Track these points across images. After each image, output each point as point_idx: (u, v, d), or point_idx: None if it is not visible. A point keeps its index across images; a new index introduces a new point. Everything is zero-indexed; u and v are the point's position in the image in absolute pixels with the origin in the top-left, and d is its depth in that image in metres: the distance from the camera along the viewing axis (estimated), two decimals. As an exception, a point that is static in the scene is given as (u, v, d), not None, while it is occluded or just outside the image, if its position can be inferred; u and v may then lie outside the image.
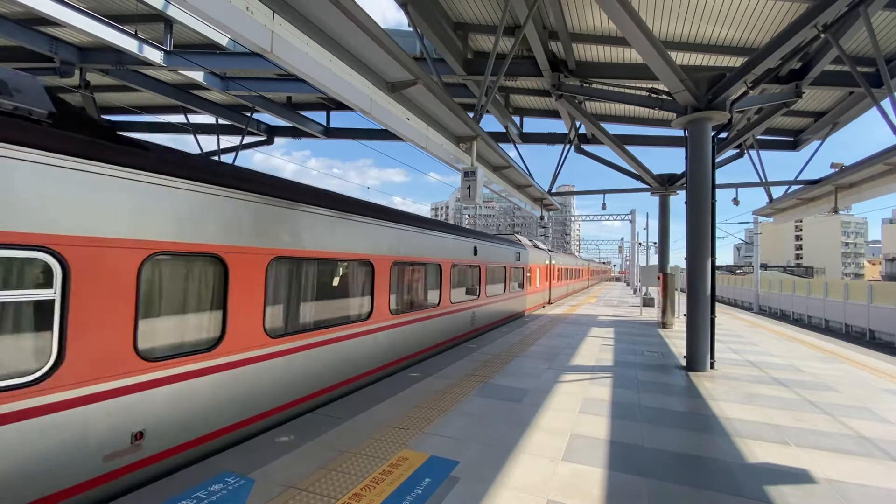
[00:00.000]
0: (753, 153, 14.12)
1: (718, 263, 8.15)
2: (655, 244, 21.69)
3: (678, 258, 11.44)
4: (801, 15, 6.76)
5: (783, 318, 28.10)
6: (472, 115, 8.14)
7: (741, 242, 79.70)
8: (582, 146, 15.49)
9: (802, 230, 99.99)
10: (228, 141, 15.83)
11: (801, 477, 3.65)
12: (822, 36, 7.27)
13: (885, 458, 4.06)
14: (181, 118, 14.77)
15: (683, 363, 7.69)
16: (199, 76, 10.88)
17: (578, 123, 13.18)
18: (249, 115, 14.28)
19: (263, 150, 16.87)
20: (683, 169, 8.71)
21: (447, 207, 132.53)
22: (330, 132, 15.61)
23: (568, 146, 14.36)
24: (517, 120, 14.29)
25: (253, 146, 16.26)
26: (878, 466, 3.87)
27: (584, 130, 14.55)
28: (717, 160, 7.98)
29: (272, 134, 16.40)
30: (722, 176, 16.75)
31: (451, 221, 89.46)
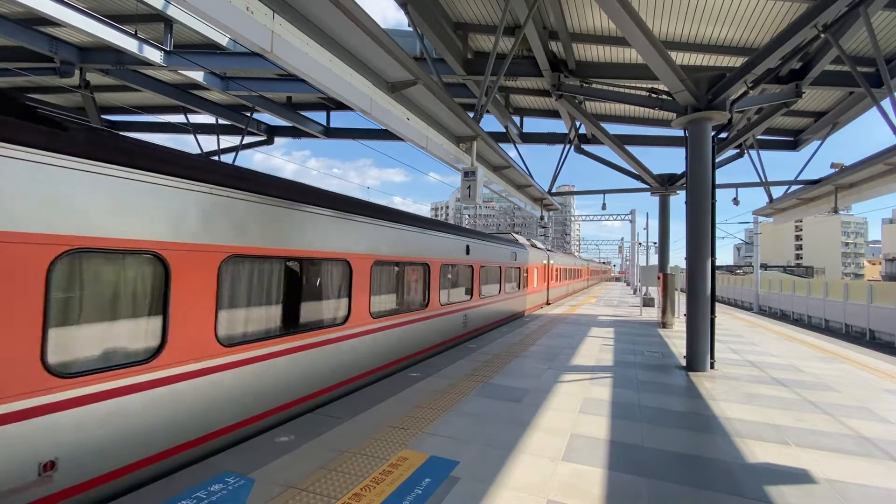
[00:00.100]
0: (753, 153, 14.12)
1: (718, 263, 8.15)
2: (655, 244, 21.69)
3: (678, 258, 11.45)
4: (801, 15, 6.77)
5: (783, 318, 28.11)
6: (472, 115, 8.15)
7: (741, 242, 79.75)
8: (582, 146, 15.49)
9: (802, 230, 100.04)
10: (228, 141, 15.86)
11: (801, 477, 3.65)
12: (822, 36, 7.27)
13: (885, 458, 4.06)
14: (181, 118, 14.77)
15: (683, 363, 7.69)
16: (199, 76, 10.89)
17: (578, 123, 13.18)
18: (249, 115, 14.28)
19: (263, 150, 16.90)
20: (683, 169, 8.71)
21: (447, 207, 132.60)
22: (330, 132, 15.61)
23: (568, 146, 14.36)
24: (517, 120, 14.29)
25: (253, 146, 16.28)
26: (878, 466, 3.87)
27: (584, 130, 14.55)
28: (717, 160, 7.99)
29: (272, 134, 16.41)
30: (722, 176, 16.73)
31: (451, 221, 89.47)
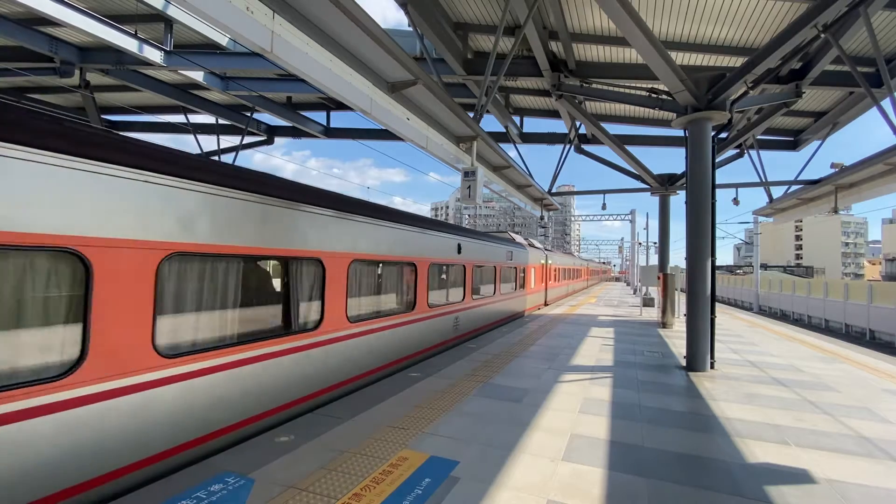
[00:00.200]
0: (753, 153, 14.12)
1: (718, 263, 8.15)
2: (655, 244, 21.70)
3: (678, 258, 11.44)
4: (801, 15, 6.76)
5: (783, 318, 28.11)
6: (472, 115, 8.15)
7: (741, 242, 79.79)
8: (582, 146, 15.49)
9: (802, 230, 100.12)
10: (228, 141, 15.86)
11: (801, 477, 3.65)
12: (822, 36, 7.27)
13: (885, 458, 4.06)
14: (181, 118, 14.78)
15: (683, 363, 7.69)
16: (199, 76, 10.89)
17: (578, 123, 13.18)
18: (249, 115, 14.28)
19: (263, 149, 16.92)
20: (683, 169, 8.71)
21: (447, 207, 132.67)
22: (330, 132, 15.61)
23: (568, 146, 14.36)
24: (517, 120, 14.29)
25: (253, 146, 16.29)
26: (878, 466, 3.87)
27: (584, 130, 14.55)
28: (717, 160, 7.98)
29: (272, 134, 16.41)
30: (722, 176, 16.73)
31: (451, 221, 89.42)
